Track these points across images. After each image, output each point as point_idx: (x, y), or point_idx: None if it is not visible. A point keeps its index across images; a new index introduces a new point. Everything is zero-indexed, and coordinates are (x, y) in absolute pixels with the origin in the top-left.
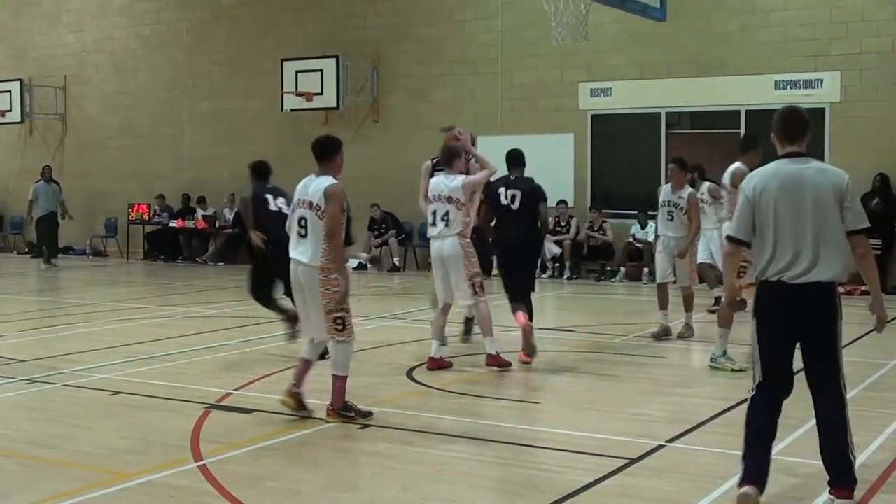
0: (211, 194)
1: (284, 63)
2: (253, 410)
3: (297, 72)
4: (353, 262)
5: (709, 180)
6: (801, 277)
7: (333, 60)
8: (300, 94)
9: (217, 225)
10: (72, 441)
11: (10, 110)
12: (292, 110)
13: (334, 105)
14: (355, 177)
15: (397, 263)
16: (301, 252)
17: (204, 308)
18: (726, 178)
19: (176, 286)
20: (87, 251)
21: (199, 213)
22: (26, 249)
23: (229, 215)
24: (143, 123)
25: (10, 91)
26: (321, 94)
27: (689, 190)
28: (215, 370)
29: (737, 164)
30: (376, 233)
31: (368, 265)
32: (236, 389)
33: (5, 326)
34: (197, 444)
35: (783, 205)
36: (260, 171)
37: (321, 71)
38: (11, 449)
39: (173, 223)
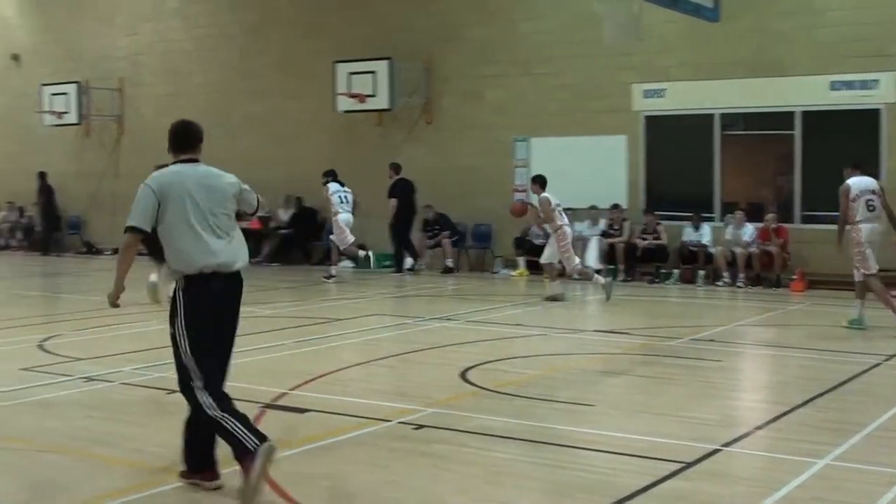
0: (264, 196)
1: (337, 65)
2: (307, 410)
3: (349, 73)
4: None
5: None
6: None
7: (386, 62)
8: (353, 96)
9: (271, 226)
10: (128, 439)
11: (67, 112)
12: (345, 112)
13: (387, 107)
14: (409, 177)
15: (451, 265)
16: None
17: (259, 308)
18: None
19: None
20: (146, 251)
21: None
22: (84, 249)
23: (283, 216)
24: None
25: (67, 93)
26: (374, 95)
27: None
28: (270, 370)
29: None
30: (430, 234)
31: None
32: (291, 389)
33: (64, 325)
34: None
35: None
36: None
37: (374, 73)
38: (69, 445)
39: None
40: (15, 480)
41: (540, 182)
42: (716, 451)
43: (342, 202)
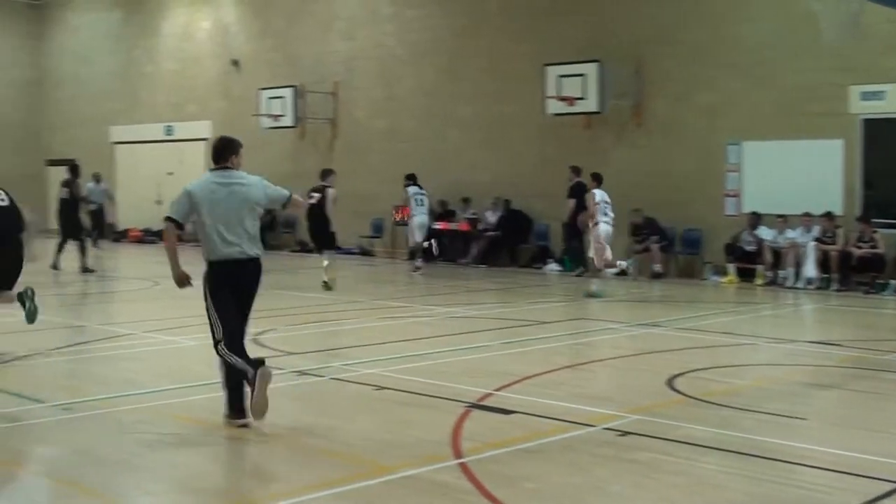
0: (472, 198)
1: (547, 68)
2: (513, 412)
3: (559, 76)
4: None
5: None
6: None
7: (596, 65)
8: (563, 99)
9: (479, 228)
10: (338, 432)
11: (283, 115)
12: (555, 115)
13: (596, 109)
14: (618, 181)
15: (659, 270)
16: None
17: (466, 309)
18: None
19: (439, 287)
20: (356, 250)
21: (462, 215)
22: (297, 248)
23: (491, 218)
24: (407, 128)
25: (284, 97)
26: (583, 98)
27: None
28: (476, 370)
29: None
30: (638, 238)
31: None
32: (497, 390)
33: (278, 320)
34: (457, 441)
35: None
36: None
37: (583, 75)
38: (280, 436)
39: (437, 225)
40: (228, 468)
41: (595, 178)
42: None
43: (419, 204)
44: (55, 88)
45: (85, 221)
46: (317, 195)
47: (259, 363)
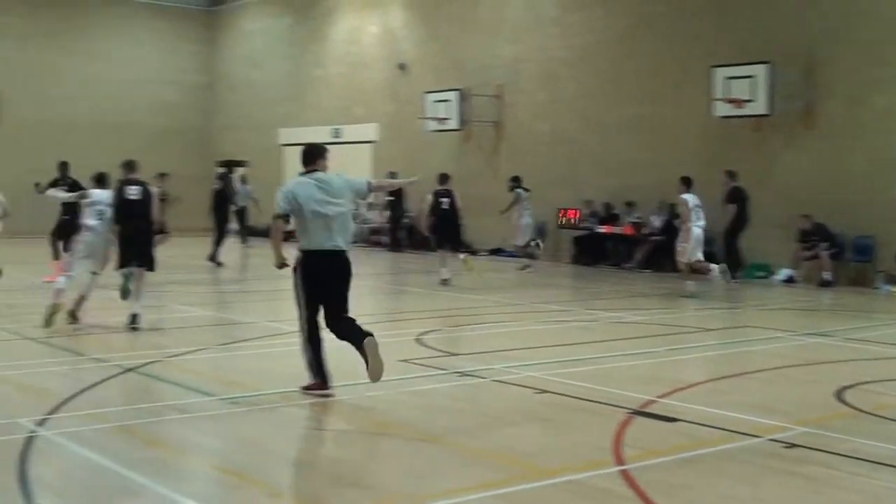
0: (636, 201)
1: (714, 70)
2: (676, 419)
3: (726, 78)
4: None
5: None
6: None
7: (765, 66)
8: (730, 101)
9: (643, 232)
10: (498, 434)
11: (449, 118)
12: (722, 118)
13: (765, 112)
14: (786, 185)
15: (828, 278)
16: None
17: (630, 314)
18: None
19: (602, 291)
20: (518, 253)
21: (626, 219)
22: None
23: (656, 222)
24: (571, 130)
25: (450, 100)
26: (752, 100)
27: None
28: (640, 376)
29: None
30: (806, 244)
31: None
32: (660, 397)
33: (440, 321)
34: (619, 448)
35: None
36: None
37: (752, 77)
38: (441, 436)
39: (601, 228)
40: (390, 466)
41: (686, 182)
42: None
43: (526, 207)
44: (227, 92)
45: (231, 218)
46: (446, 199)
47: (367, 334)
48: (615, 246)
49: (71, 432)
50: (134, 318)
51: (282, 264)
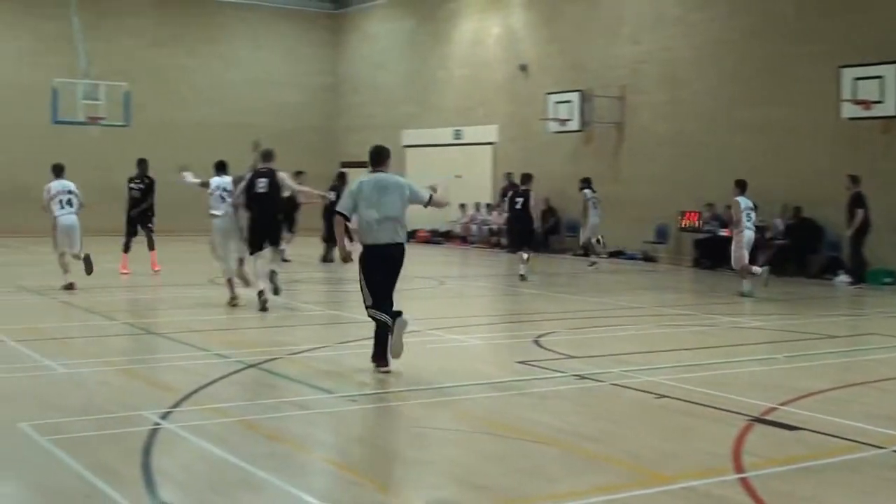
0: (759, 204)
1: (842, 70)
2: (798, 428)
3: (854, 79)
4: None
5: None
6: None
7: (894, 66)
8: (858, 103)
9: (766, 236)
10: (615, 438)
11: (570, 119)
12: (849, 119)
13: (894, 113)
14: None
15: None
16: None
17: (751, 319)
18: None
19: (722, 295)
20: (638, 255)
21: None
22: (581, 252)
23: (780, 226)
24: (693, 131)
25: (570, 101)
26: (881, 101)
27: None
28: (760, 383)
29: None
30: None
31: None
32: (781, 405)
33: (559, 323)
34: (738, 455)
35: None
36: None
37: (881, 77)
38: (559, 439)
39: (722, 232)
40: (506, 467)
41: (740, 185)
42: None
43: (594, 207)
44: (351, 94)
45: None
46: (520, 199)
47: (398, 314)
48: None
49: (194, 426)
50: (268, 292)
51: (346, 257)
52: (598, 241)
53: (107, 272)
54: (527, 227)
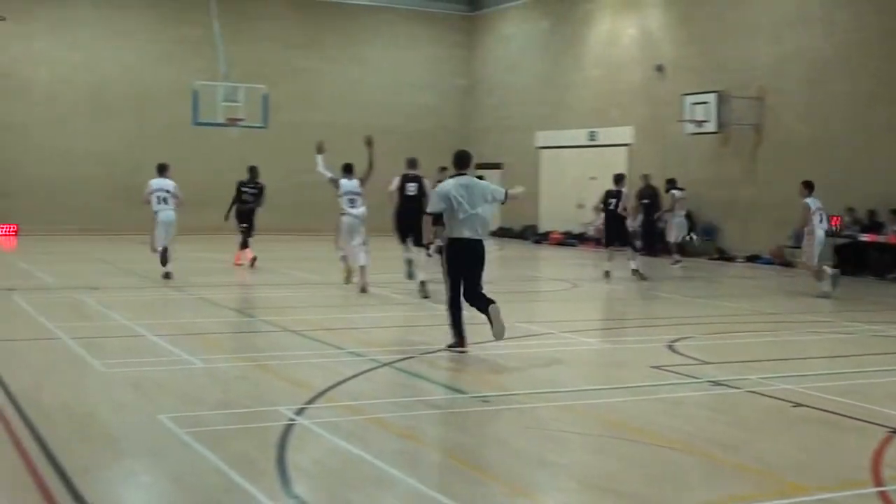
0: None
1: None
2: None
3: None
4: None
5: None
6: None
7: None
8: None
9: None
10: (751, 446)
11: (707, 121)
12: None
13: None
14: None
15: None
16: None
17: (891, 327)
18: None
19: (862, 302)
20: (774, 260)
21: (891, 227)
22: (716, 256)
23: None
24: (835, 133)
25: (707, 102)
26: None
27: None
28: None
29: None
30: None
31: None
32: None
33: (694, 328)
34: (878, 468)
35: None
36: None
37: None
38: (693, 446)
39: (863, 237)
40: (639, 472)
41: (808, 186)
42: None
43: (681, 207)
44: (485, 95)
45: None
46: (614, 200)
47: (491, 301)
48: (879, 255)
49: (327, 422)
50: (422, 284)
51: (429, 244)
52: (689, 238)
53: (242, 270)
54: (618, 227)
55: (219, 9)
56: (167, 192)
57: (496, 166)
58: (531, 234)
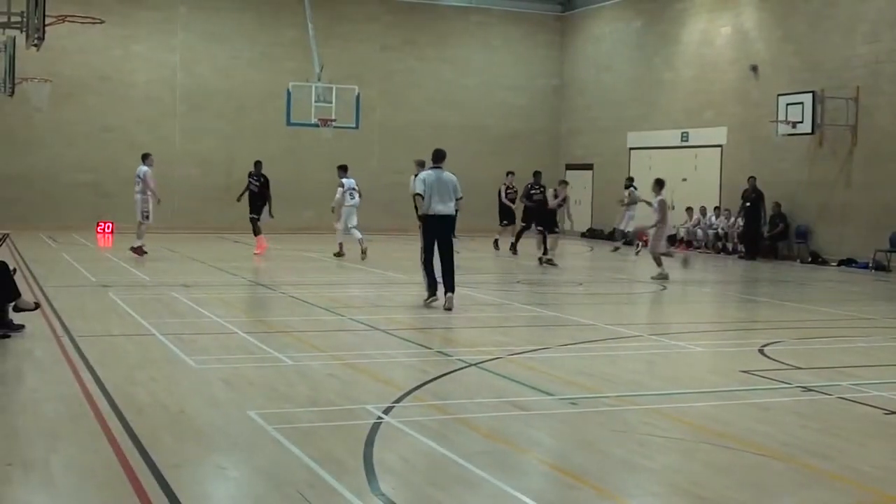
0: None
1: None
2: None
3: None
4: None
5: None
6: None
7: None
8: None
9: None
10: (843, 454)
11: (801, 122)
12: None
13: None
14: None
15: None
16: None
17: None
18: None
19: None
20: (870, 264)
21: None
22: (809, 259)
23: None
24: None
25: (802, 103)
26: None
27: None
28: None
29: None
30: None
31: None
32: None
33: (785, 332)
34: None
35: None
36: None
37: None
38: (783, 453)
39: None
40: (727, 478)
41: None
42: None
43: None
44: (577, 96)
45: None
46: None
47: (453, 288)
48: None
49: (414, 421)
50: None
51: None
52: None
53: (328, 267)
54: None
55: (313, 11)
56: (353, 189)
57: (587, 167)
58: (620, 236)
